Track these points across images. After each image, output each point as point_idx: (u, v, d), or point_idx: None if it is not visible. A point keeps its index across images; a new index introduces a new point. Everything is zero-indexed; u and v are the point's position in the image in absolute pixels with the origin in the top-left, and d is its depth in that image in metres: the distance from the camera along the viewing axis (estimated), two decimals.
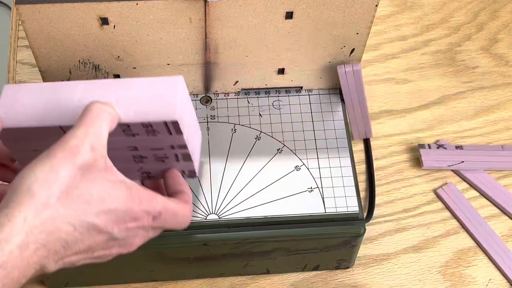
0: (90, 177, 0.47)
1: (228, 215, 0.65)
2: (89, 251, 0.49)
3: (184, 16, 0.60)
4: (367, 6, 0.62)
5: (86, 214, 0.47)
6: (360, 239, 0.67)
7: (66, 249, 0.46)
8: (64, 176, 0.46)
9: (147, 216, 0.50)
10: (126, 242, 0.52)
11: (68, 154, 0.47)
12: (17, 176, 0.47)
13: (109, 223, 0.48)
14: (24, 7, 0.57)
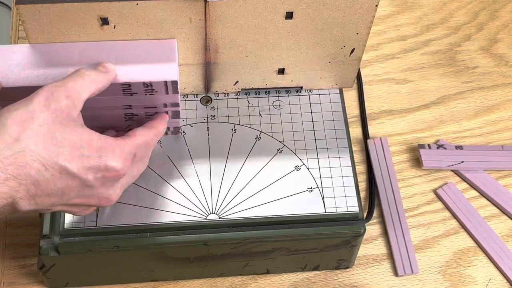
0: (63, 122, 0.50)
1: (228, 215, 0.65)
2: (64, 196, 0.51)
3: (184, 16, 0.60)
4: (367, 6, 0.62)
5: (58, 157, 0.49)
6: (360, 239, 0.67)
7: (37, 187, 0.49)
8: (37, 117, 0.49)
9: (122, 162, 0.53)
10: (104, 192, 0.53)
11: (43, 98, 0.50)
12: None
13: (81, 169, 0.50)
14: (24, 7, 0.57)
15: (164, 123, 0.61)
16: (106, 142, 0.52)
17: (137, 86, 0.57)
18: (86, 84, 0.53)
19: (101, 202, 0.54)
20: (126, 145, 0.54)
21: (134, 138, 0.56)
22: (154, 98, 0.59)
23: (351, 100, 0.83)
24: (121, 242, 0.64)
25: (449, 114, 0.84)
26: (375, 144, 0.80)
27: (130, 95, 0.58)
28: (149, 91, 0.58)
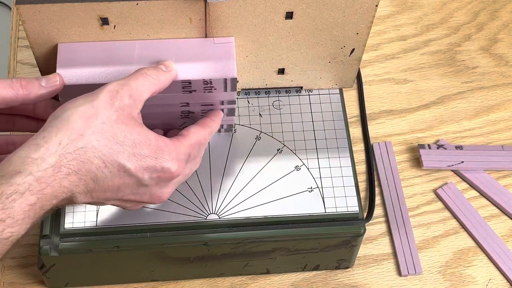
0: (124, 121, 0.51)
1: (228, 215, 0.65)
2: (119, 192, 0.52)
3: (184, 16, 0.60)
4: (367, 6, 0.62)
5: (118, 154, 0.50)
6: (360, 239, 0.67)
7: (96, 183, 0.50)
8: (101, 114, 0.50)
9: (177, 164, 0.54)
10: (157, 191, 0.54)
11: (108, 96, 0.51)
12: (60, 107, 0.51)
13: (139, 168, 0.51)
14: (24, 7, 0.57)
15: (218, 121, 0.62)
16: (163, 142, 0.53)
17: (197, 83, 0.58)
18: (147, 84, 0.54)
19: (153, 200, 0.55)
20: (181, 146, 0.55)
21: (188, 138, 0.56)
22: (212, 95, 0.60)
23: (351, 100, 0.83)
24: (121, 242, 0.64)
25: (449, 114, 0.84)
26: (380, 147, 0.80)
27: (189, 92, 0.59)
28: (208, 88, 0.59)
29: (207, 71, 0.58)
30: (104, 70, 0.58)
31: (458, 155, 0.79)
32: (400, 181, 0.78)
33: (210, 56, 0.59)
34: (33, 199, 0.46)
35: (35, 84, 0.55)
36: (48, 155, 0.47)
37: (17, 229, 0.46)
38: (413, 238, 0.74)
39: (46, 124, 0.50)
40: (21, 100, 0.55)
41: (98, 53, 0.59)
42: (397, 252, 0.73)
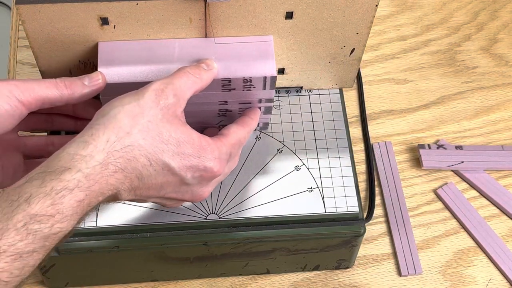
0: (169, 120, 0.51)
1: (228, 215, 0.65)
2: (162, 190, 0.52)
3: (184, 16, 0.60)
4: (367, 6, 0.62)
5: (163, 153, 0.50)
6: (360, 239, 0.67)
7: (140, 180, 0.51)
8: (147, 113, 0.51)
9: (219, 163, 0.54)
10: (198, 190, 0.55)
11: (154, 94, 0.51)
12: (106, 104, 0.52)
13: (182, 167, 0.52)
14: (24, 7, 0.57)
15: (256, 119, 0.62)
16: (206, 142, 0.54)
17: (237, 81, 0.59)
18: (190, 83, 0.54)
19: (194, 198, 0.56)
20: (223, 146, 0.55)
21: (229, 138, 0.57)
22: (251, 93, 0.61)
23: (351, 100, 0.83)
24: (121, 242, 0.64)
25: (449, 114, 0.84)
26: (380, 147, 0.80)
27: (228, 90, 0.60)
28: (247, 86, 0.60)
29: (247, 69, 0.59)
30: (145, 69, 0.58)
31: (458, 155, 0.79)
32: (400, 181, 0.78)
33: (250, 54, 0.60)
34: (81, 195, 0.46)
35: (78, 83, 0.56)
36: (96, 152, 0.48)
37: (65, 225, 0.46)
38: (413, 238, 0.74)
39: (93, 122, 0.50)
40: (66, 100, 0.55)
41: (138, 51, 0.60)
42: (397, 252, 0.73)
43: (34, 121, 0.62)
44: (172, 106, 0.52)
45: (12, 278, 0.43)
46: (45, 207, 0.45)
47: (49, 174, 0.46)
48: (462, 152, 0.79)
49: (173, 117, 0.52)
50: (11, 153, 0.60)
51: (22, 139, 0.62)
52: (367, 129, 0.81)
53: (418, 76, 0.87)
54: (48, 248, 0.46)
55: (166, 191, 0.53)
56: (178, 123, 0.52)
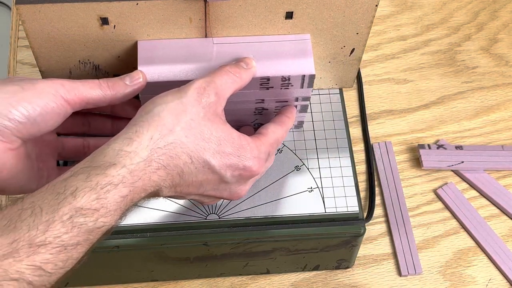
0: (210, 118, 0.52)
1: (228, 215, 0.65)
2: (201, 187, 0.53)
3: (184, 16, 0.60)
4: (367, 6, 0.62)
5: (204, 151, 0.51)
6: (360, 239, 0.67)
7: (181, 178, 0.51)
8: (189, 110, 0.51)
9: (258, 163, 0.55)
10: (236, 188, 0.56)
11: (196, 93, 0.52)
12: (149, 101, 0.52)
13: (222, 166, 0.52)
14: (24, 7, 0.57)
15: (293, 118, 0.62)
16: (246, 141, 0.54)
17: (275, 80, 0.59)
18: (231, 82, 0.55)
19: (232, 197, 0.56)
20: (262, 145, 0.56)
21: (268, 137, 0.57)
22: (288, 91, 0.61)
23: (351, 100, 0.83)
24: (121, 242, 0.64)
25: (449, 114, 0.84)
26: (380, 147, 0.80)
27: (266, 89, 0.60)
28: (285, 85, 0.60)
29: (286, 68, 0.59)
30: (184, 67, 0.59)
31: (458, 155, 0.79)
32: (400, 181, 0.78)
33: (288, 53, 0.60)
34: (125, 191, 0.47)
35: (120, 83, 0.56)
36: (141, 149, 0.48)
37: (109, 219, 0.46)
38: (413, 238, 0.74)
39: (137, 119, 0.51)
40: (109, 100, 0.56)
41: (177, 50, 0.60)
42: (397, 252, 0.73)
43: (72, 123, 0.63)
44: (213, 104, 0.53)
45: (56, 270, 0.44)
46: (90, 201, 0.45)
47: (94, 169, 0.47)
48: (462, 152, 0.79)
49: (214, 116, 0.53)
50: (48, 155, 0.60)
51: (60, 140, 0.62)
52: (367, 129, 0.81)
53: (418, 76, 0.87)
54: (91, 242, 0.46)
55: (206, 189, 0.54)
56: (219, 121, 0.53)
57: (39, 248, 0.43)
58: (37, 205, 0.44)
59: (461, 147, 0.79)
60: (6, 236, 0.42)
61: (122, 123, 0.63)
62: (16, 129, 0.51)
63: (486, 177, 0.78)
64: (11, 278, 0.41)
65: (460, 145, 0.80)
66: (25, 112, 0.52)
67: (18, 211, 0.44)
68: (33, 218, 0.44)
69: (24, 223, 0.43)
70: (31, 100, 0.52)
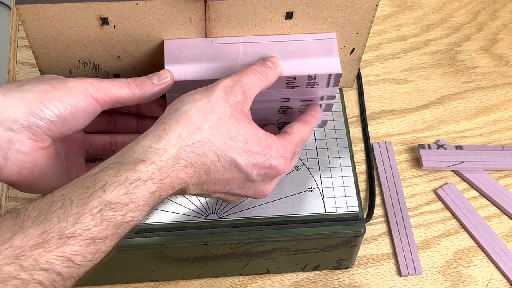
0: (237, 117, 0.52)
1: (228, 215, 0.65)
2: (227, 186, 0.53)
3: (184, 16, 0.60)
4: (367, 6, 0.62)
5: (231, 150, 0.51)
6: (360, 239, 0.67)
7: (208, 175, 0.52)
8: (217, 109, 0.52)
9: (284, 162, 0.55)
10: (261, 187, 0.56)
11: (223, 91, 0.52)
12: (177, 99, 0.53)
13: (248, 164, 0.53)
14: (24, 7, 0.57)
15: (317, 116, 0.62)
16: (272, 140, 0.54)
17: (301, 79, 0.59)
18: (257, 81, 0.55)
19: (256, 195, 0.57)
20: (288, 145, 0.56)
21: (293, 136, 0.57)
22: (313, 90, 0.61)
23: (351, 100, 0.83)
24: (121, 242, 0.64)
25: (449, 114, 0.84)
26: (380, 147, 0.80)
27: (292, 88, 0.60)
28: (311, 84, 0.60)
29: (312, 67, 0.59)
30: (211, 66, 0.59)
31: (458, 155, 0.79)
32: (400, 181, 0.78)
33: (314, 52, 0.60)
34: (154, 187, 0.47)
35: (148, 82, 0.57)
36: (169, 146, 0.49)
37: (137, 214, 0.47)
38: (413, 238, 0.74)
39: (165, 117, 0.51)
40: (137, 99, 0.56)
41: (203, 49, 0.60)
42: (397, 252, 0.73)
43: (98, 122, 0.63)
44: (240, 103, 0.53)
45: (85, 263, 0.44)
46: (119, 195, 0.46)
47: (124, 164, 0.47)
48: (462, 152, 0.79)
49: (241, 114, 0.53)
50: (77, 153, 0.61)
51: (88, 138, 0.63)
52: (367, 129, 0.81)
53: (418, 76, 0.87)
54: (119, 236, 0.47)
55: (231, 187, 0.54)
56: (246, 120, 0.53)
57: (68, 239, 0.43)
58: (67, 198, 0.45)
59: (461, 147, 0.79)
60: (36, 227, 0.43)
61: (147, 122, 0.65)
62: (47, 128, 0.52)
63: (486, 177, 0.78)
64: (41, 268, 0.42)
65: (460, 145, 0.80)
66: (57, 111, 0.52)
67: (49, 203, 0.45)
68: (63, 210, 0.44)
69: (54, 215, 0.44)
70: (62, 99, 0.52)
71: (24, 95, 0.51)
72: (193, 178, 0.51)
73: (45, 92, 0.52)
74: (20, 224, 0.43)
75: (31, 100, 0.51)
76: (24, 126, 0.51)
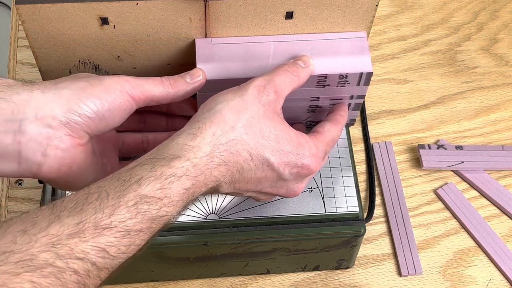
0: (269, 116, 0.53)
1: (228, 215, 0.65)
2: (259, 185, 0.54)
3: (184, 16, 0.60)
4: (367, 6, 0.62)
5: (263, 148, 0.52)
6: (360, 239, 0.67)
7: (241, 174, 0.52)
8: (250, 108, 0.52)
9: (316, 161, 0.55)
10: (293, 186, 0.56)
11: (256, 91, 0.53)
12: (210, 99, 0.53)
13: (281, 163, 0.53)
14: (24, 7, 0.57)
15: (346, 116, 0.62)
16: (304, 139, 0.54)
17: (332, 77, 0.59)
18: (289, 80, 0.55)
19: (288, 194, 0.57)
20: (319, 144, 0.56)
21: (325, 136, 0.57)
22: (344, 89, 0.61)
23: None
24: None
25: (449, 114, 0.84)
26: (380, 147, 0.80)
27: (323, 87, 0.60)
28: (342, 82, 0.60)
29: (344, 66, 0.59)
30: (242, 65, 0.59)
31: (458, 155, 0.79)
32: (400, 181, 0.78)
33: (345, 51, 0.60)
34: (188, 184, 0.48)
35: (181, 81, 0.57)
36: (204, 144, 0.49)
37: (171, 210, 0.47)
38: (413, 238, 0.74)
39: (199, 116, 0.52)
40: (171, 98, 0.56)
41: (235, 48, 0.60)
42: (397, 252, 0.73)
43: (129, 120, 0.63)
44: (272, 102, 0.53)
45: (119, 254, 0.45)
46: (154, 190, 0.46)
47: (159, 160, 0.48)
48: (462, 152, 0.79)
49: (273, 114, 0.53)
50: (111, 151, 0.61)
51: (121, 136, 0.63)
52: (367, 129, 0.81)
53: (418, 76, 0.87)
54: (153, 230, 0.47)
55: (263, 186, 0.54)
56: (278, 119, 0.53)
57: (104, 230, 0.44)
58: (104, 190, 0.45)
59: (461, 147, 0.79)
60: (73, 217, 0.43)
61: (176, 121, 0.65)
62: (85, 124, 0.52)
63: (486, 177, 0.78)
64: (77, 257, 0.42)
65: (460, 145, 0.80)
66: (94, 107, 0.52)
67: (85, 195, 0.45)
68: (99, 201, 0.45)
69: (90, 206, 0.44)
70: (100, 96, 0.52)
71: (62, 92, 0.52)
72: (226, 176, 0.51)
73: (82, 89, 0.52)
74: (57, 214, 0.44)
75: (69, 97, 0.52)
76: (62, 122, 0.51)
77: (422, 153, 0.78)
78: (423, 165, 0.78)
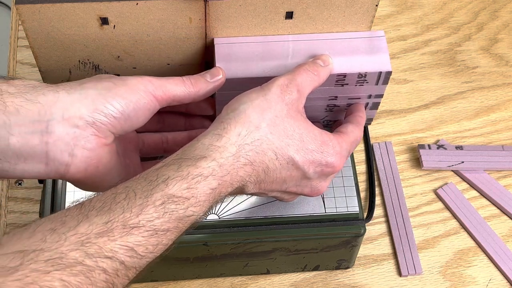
0: (293, 115, 0.53)
1: (228, 215, 0.65)
2: (284, 184, 0.54)
3: (184, 16, 0.60)
4: (367, 6, 0.62)
5: (288, 148, 0.52)
6: (360, 239, 0.67)
7: (266, 174, 0.52)
8: (273, 107, 0.52)
9: (339, 159, 0.55)
10: (317, 184, 0.56)
11: (279, 90, 0.53)
12: (234, 99, 0.53)
13: (306, 162, 0.53)
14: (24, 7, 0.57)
15: (365, 116, 0.62)
16: (328, 137, 0.55)
17: (351, 76, 0.59)
18: (310, 80, 0.55)
19: (312, 193, 0.57)
20: (343, 143, 0.56)
21: (349, 136, 0.58)
22: (362, 88, 0.61)
23: None
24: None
25: (449, 114, 0.84)
26: (380, 147, 0.80)
27: (341, 86, 0.60)
28: (361, 82, 0.60)
29: (363, 65, 0.59)
30: (262, 64, 0.59)
31: (458, 155, 0.79)
32: (400, 181, 0.78)
33: (364, 50, 0.60)
34: (214, 183, 0.48)
35: (202, 80, 0.57)
36: (229, 144, 0.50)
37: (198, 210, 0.47)
38: (413, 238, 0.74)
39: (223, 116, 0.52)
40: (192, 97, 0.56)
41: (253, 47, 0.60)
42: (397, 252, 0.73)
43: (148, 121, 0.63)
44: (295, 101, 0.54)
45: (147, 254, 0.45)
46: (181, 189, 0.46)
47: (185, 160, 0.48)
48: (462, 152, 0.79)
49: (296, 112, 0.53)
50: (132, 151, 0.61)
51: (140, 136, 0.63)
52: (367, 129, 0.81)
53: (418, 76, 0.87)
54: (180, 230, 0.47)
55: (288, 185, 0.54)
56: (301, 118, 0.54)
57: (132, 229, 0.44)
58: (131, 190, 0.46)
59: (461, 147, 0.79)
60: (101, 216, 0.44)
61: (195, 120, 0.65)
62: (111, 124, 0.52)
63: (486, 177, 0.78)
64: (105, 256, 0.42)
65: (460, 145, 0.80)
66: (120, 107, 0.52)
67: (113, 195, 0.45)
68: (127, 201, 0.45)
69: (118, 205, 0.45)
70: (125, 96, 0.53)
71: (88, 92, 0.52)
72: (251, 176, 0.51)
73: (108, 89, 0.52)
74: (85, 213, 0.44)
75: (95, 97, 0.52)
76: (89, 122, 0.51)
77: (422, 153, 0.78)
78: (423, 165, 0.78)
